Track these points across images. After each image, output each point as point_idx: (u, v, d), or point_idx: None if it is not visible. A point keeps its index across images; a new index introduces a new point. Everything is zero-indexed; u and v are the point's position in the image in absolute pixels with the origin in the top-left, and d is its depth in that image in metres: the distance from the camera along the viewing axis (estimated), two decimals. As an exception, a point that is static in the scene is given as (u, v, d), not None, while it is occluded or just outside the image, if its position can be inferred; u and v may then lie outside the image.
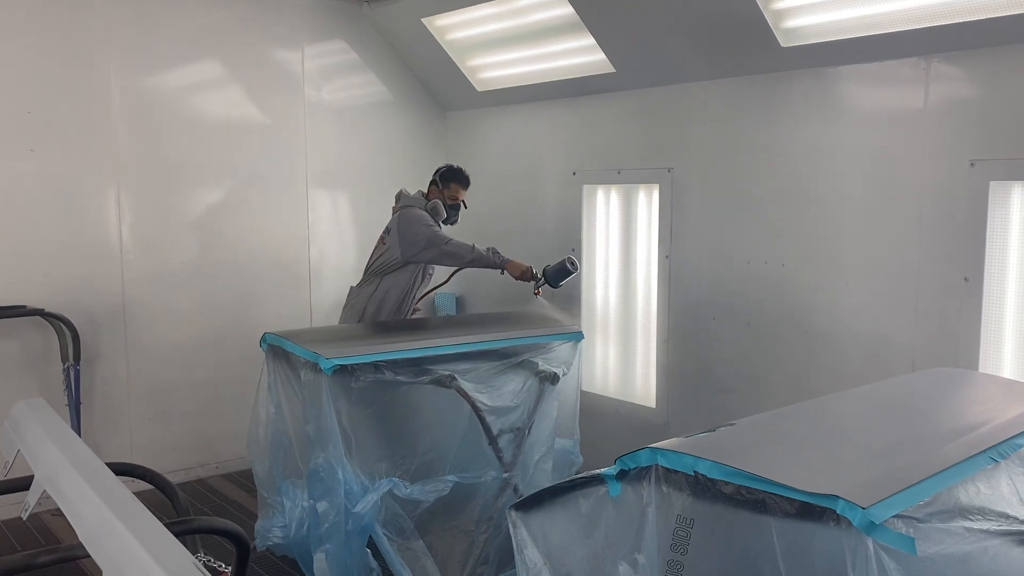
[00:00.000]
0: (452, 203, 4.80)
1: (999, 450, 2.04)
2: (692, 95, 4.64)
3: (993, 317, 3.57)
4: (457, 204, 4.84)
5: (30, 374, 4.78)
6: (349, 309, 4.73)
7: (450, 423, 3.80)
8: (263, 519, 4.09)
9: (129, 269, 5.04)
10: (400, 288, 4.65)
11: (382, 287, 4.63)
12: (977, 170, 3.54)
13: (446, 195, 4.80)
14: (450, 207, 4.79)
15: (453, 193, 4.81)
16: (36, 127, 4.68)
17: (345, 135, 5.87)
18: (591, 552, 2.12)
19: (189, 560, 1.36)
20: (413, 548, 3.63)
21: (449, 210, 4.78)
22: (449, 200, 4.80)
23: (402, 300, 4.68)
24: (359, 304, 4.66)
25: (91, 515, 1.60)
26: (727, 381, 4.58)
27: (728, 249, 4.52)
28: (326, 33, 5.76)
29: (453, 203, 4.81)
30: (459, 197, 4.84)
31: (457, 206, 4.84)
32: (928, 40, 3.59)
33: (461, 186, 4.83)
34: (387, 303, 4.63)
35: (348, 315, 4.73)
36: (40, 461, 1.95)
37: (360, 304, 4.66)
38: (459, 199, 4.84)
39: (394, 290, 4.64)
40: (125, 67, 4.95)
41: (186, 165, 5.22)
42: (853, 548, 1.62)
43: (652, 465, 1.97)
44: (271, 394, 3.98)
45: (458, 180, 4.83)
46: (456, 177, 4.83)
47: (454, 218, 4.86)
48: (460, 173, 4.85)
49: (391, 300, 4.64)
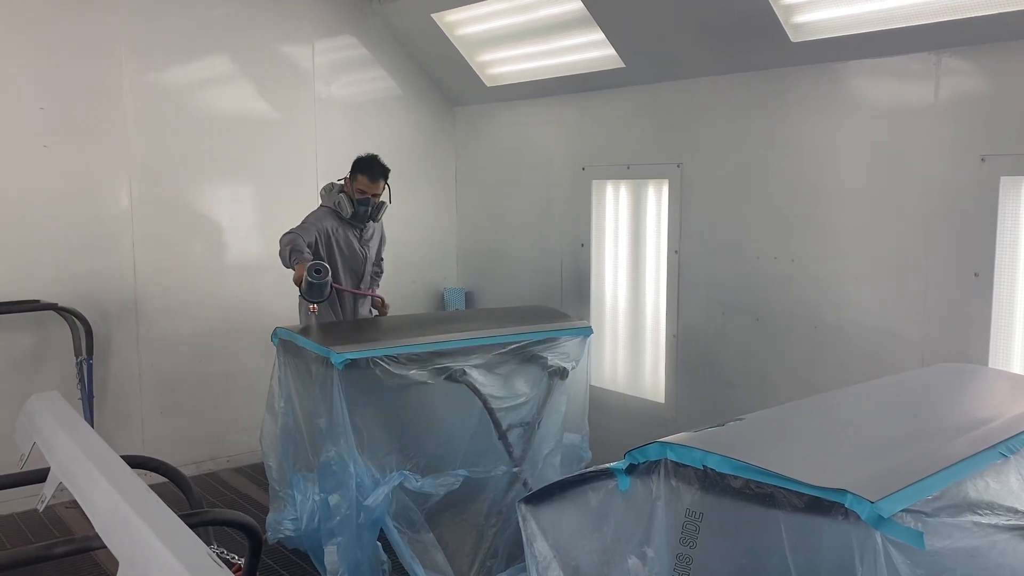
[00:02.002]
0: (360, 197, 4.32)
1: (1008, 445, 2.04)
2: (702, 90, 4.63)
3: (1003, 312, 3.56)
4: (366, 199, 4.33)
5: (44, 368, 4.82)
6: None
7: (460, 418, 3.82)
8: (274, 512, 4.12)
9: (141, 264, 5.07)
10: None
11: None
12: (988, 165, 3.53)
13: (353, 188, 4.34)
14: (358, 201, 4.31)
15: (359, 186, 4.32)
16: (49, 123, 4.71)
17: (355, 130, 5.88)
18: (600, 545, 2.13)
19: (204, 551, 1.38)
20: (423, 541, 3.65)
21: (357, 204, 4.32)
22: (356, 194, 4.32)
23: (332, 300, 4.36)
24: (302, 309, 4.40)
25: (107, 507, 1.62)
26: (736, 376, 4.58)
27: (737, 244, 4.52)
28: (336, 28, 5.78)
29: (361, 197, 4.32)
30: (367, 191, 4.31)
31: (366, 200, 4.32)
32: (938, 35, 3.58)
33: (366, 177, 4.30)
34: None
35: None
36: (55, 454, 1.98)
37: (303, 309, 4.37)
38: (367, 193, 4.32)
39: None
40: (136, 63, 4.98)
41: (197, 160, 5.25)
42: (862, 542, 1.63)
43: (661, 459, 1.98)
44: (282, 388, 4.00)
45: (361, 170, 4.32)
46: (359, 167, 4.34)
47: (369, 213, 4.37)
48: (363, 162, 4.34)
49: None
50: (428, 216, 6.29)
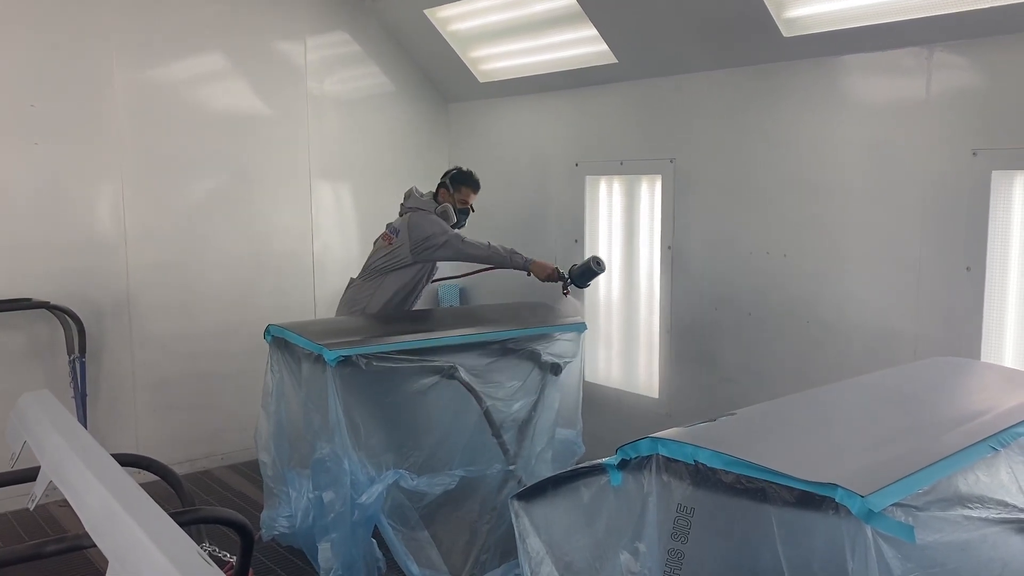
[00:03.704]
0: (462, 207, 4.79)
1: (999, 439, 2.04)
2: (694, 85, 4.63)
3: (995, 306, 3.57)
4: (466, 208, 4.83)
5: (36, 366, 4.80)
6: (349, 303, 4.70)
7: (455, 415, 3.82)
8: (269, 509, 4.12)
9: (133, 261, 5.05)
10: (405, 286, 4.63)
11: (386, 285, 4.59)
12: (979, 159, 3.54)
13: (456, 199, 4.77)
14: (459, 211, 4.77)
15: (464, 197, 4.80)
16: (40, 121, 4.68)
17: (348, 127, 5.87)
18: (592, 541, 2.14)
19: (194, 549, 1.38)
20: (418, 538, 3.65)
21: (459, 214, 4.77)
22: (459, 204, 4.77)
23: (406, 298, 4.67)
24: (361, 299, 4.63)
25: (97, 505, 1.61)
26: (729, 371, 4.59)
27: (730, 239, 4.52)
28: (329, 25, 5.76)
29: (463, 207, 4.80)
30: (469, 201, 4.82)
31: (466, 210, 4.83)
32: (930, 29, 3.58)
33: (472, 190, 4.83)
34: (392, 301, 4.60)
35: (346, 308, 4.69)
36: (46, 452, 1.97)
37: (362, 300, 4.62)
38: (468, 203, 4.82)
39: (399, 288, 4.61)
40: (128, 60, 4.95)
41: (189, 157, 5.23)
42: (852, 536, 1.63)
43: (653, 455, 1.98)
44: (276, 385, 4.00)
45: (469, 184, 4.82)
46: (467, 181, 4.82)
47: (462, 222, 4.83)
48: (471, 177, 4.83)
49: (396, 298, 4.61)
50: (422, 212, 6.27)
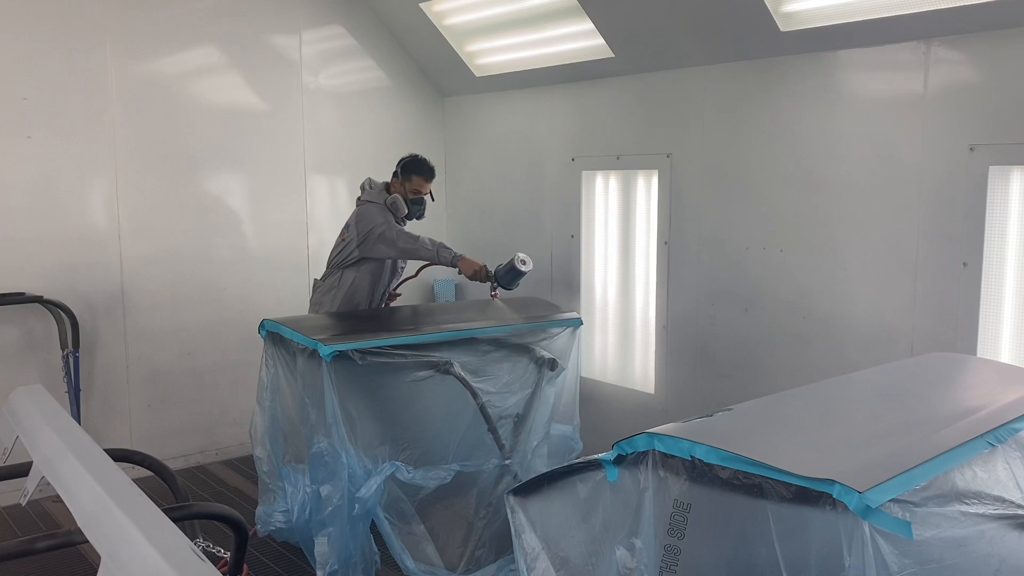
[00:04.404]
0: (414, 196, 4.48)
1: (996, 434, 2.04)
2: (691, 80, 4.62)
3: (992, 302, 3.57)
4: (420, 198, 4.51)
5: (29, 361, 4.78)
6: (315, 305, 4.56)
7: (451, 409, 3.81)
8: (264, 505, 4.11)
9: (127, 256, 5.03)
10: (368, 280, 4.47)
11: (345, 280, 4.45)
12: (977, 155, 3.53)
13: (408, 188, 4.47)
14: (412, 201, 4.47)
15: (415, 186, 4.47)
16: (33, 114, 4.66)
17: (343, 121, 5.85)
18: (588, 537, 2.13)
19: (187, 545, 1.36)
20: (414, 532, 3.65)
21: (411, 204, 4.47)
22: (411, 194, 4.47)
23: (372, 292, 4.51)
24: (324, 301, 4.50)
25: (89, 501, 1.60)
26: (726, 366, 4.58)
27: (727, 235, 4.51)
28: (324, 18, 5.73)
29: (416, 196, 4.48)
30: (422, 190, 4.49)
31: (420, 200, 4.51)
32: (928, 24, 3.57)
33: (424, 178, 4.48)
34: (357, 295, 4.46)
35: (313, 310, 4.56)
36: (38, 447, 1.96)
37: (325, 302, 4.49)
38: (422, 192, 4.49)
39: (362, 282, 4.45)
40: (122, 53, 4.93)
41: (184, 151, 5.20)
42: (849, 532, 1.62)
43: (649, 450, 1.98)
44: (271, 380, 3.99)
45: (420, 172, 4.48)
46: (417, 169, 4.48)
47: (418, 212, 4.54)
48: (422, 164, 4.50)
49: (361, 291, 4.47)
50: (417, 207, 6.26)
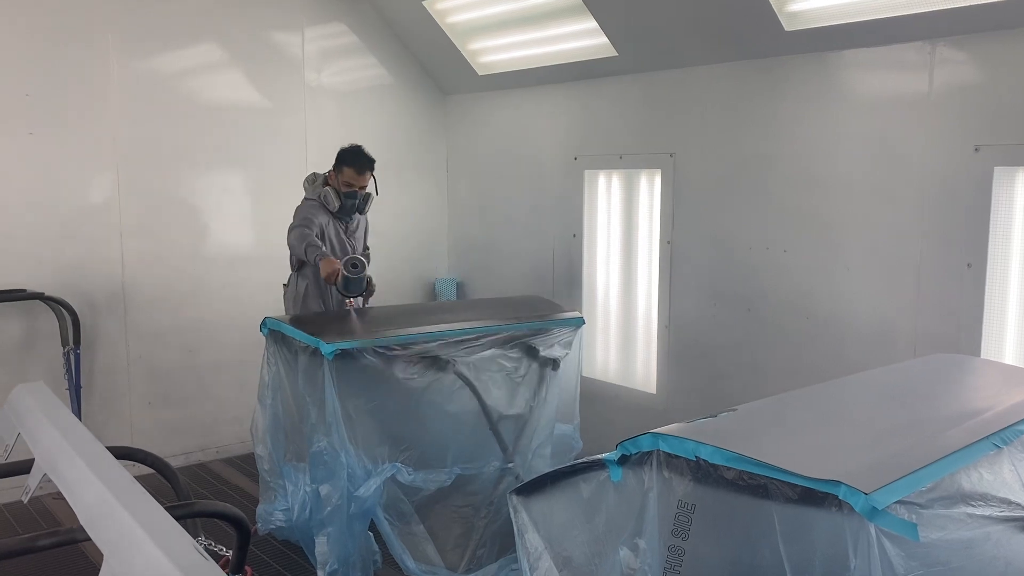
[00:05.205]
0: (347, 190, 4.25)
1: (1002, 436, 2.03)
2: (695, 79, 4.61)
3: (996, 303, 3.56)
4: (354, 191, 4.26)
5: (30, 358, 4.77)
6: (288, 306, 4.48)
7: (453, 409, 3.80)
8: (265, 503, 4.10)
9: (129, 253, 5.02)
10: (314, 282, 4.31)
11: (299, 280, 4.37)
12: (981, 155, 3.52)
13: (340, 181, 4.25)
14: (345, 195, 4.24)
15: (346, 178, 4.23)
16: (35, 110, 4.65)
17: (345, 118, 5.84)
18: (592, 537, 2.12)
19: (190, 543, 1.36)
20: (414, 532, 3.64)
21: (344, 198, 4.24)
22: (343, 186, 4.24)
23: (321, 293, 4.36)
24: (288, 304, 4.43)
25: (92, 498, 1.59)
26: (728, 367, 4.57)
27: (730, 234, 4.50)
28: (326, 16, 5.72)
29: (348, 190, 4.25)
30: (354, 183, 4.23)
31: (354, 194, 4.25)
32: (933, 24, 3.56)
33: (354, 170, 4.22)
34: (308, 298, 4.34)
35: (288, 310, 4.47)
36: (40, 444, 1.95)
37: (288, 304, 4.41)
38: (354, 185, 4.24)
39: (311, 286, 4.33)
40: (124, 50, 4.92)
41: (185, 148, 5.20)
42: (855, 534, 1.61)
43: (653, 450, 1.97)
44: (272, 378, 3.98)
45: (351, 163, 4.22)
46: (344, 159, 4.24)
47: (357, 206, 4.31)
48: (354, 155, 4.25)
49: (310, 294, 4.35)
50: (419, 206, 6.25)
